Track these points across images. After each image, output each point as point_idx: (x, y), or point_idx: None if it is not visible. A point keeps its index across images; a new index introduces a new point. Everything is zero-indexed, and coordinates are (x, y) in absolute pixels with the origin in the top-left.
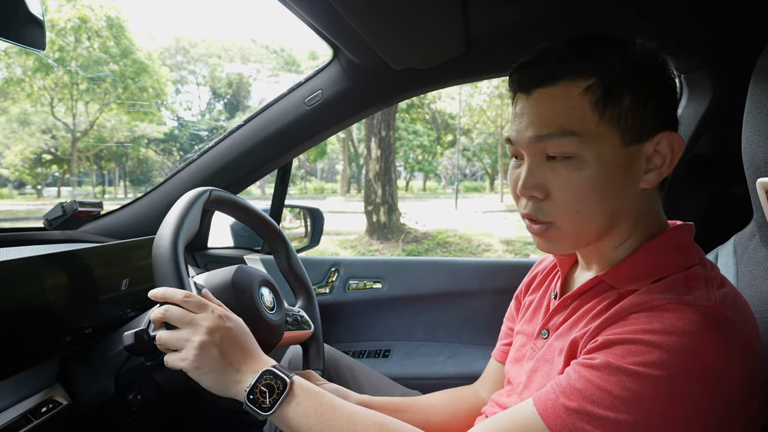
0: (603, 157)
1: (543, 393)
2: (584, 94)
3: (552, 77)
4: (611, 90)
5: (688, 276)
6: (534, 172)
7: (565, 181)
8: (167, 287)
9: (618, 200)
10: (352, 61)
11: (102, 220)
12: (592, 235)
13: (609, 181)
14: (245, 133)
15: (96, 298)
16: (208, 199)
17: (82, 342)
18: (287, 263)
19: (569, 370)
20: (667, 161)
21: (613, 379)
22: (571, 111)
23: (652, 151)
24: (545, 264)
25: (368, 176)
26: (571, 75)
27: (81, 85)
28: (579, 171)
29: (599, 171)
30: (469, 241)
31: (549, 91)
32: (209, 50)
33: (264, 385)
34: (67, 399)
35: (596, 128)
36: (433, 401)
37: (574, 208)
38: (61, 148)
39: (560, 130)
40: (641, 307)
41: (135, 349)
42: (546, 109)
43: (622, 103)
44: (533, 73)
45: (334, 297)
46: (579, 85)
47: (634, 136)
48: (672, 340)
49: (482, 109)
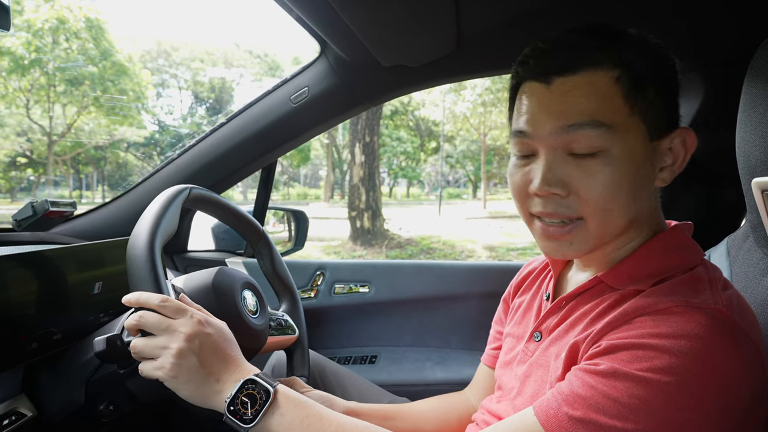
0: (631, 151)
1: (544, 401)
2: (616, 83)
3: (575, 65)
4: (639, 82)
5: (693, 277)
6: (555, 167)
7: (594, 177)
8: (142, 291)
9: (642, 197)
10: (340, 58)
11: (75, 221)
12: (614, 234)
13: (637, 178)
14: (228, 131)
15: (66, 301)
16: (188, 198)
17: (50, 349)
18: (271, 266)
19: (571, 377)
20: (680, 158)
21: (620, 386)
22: (603, 101)
23: (667, 147)
24: (535, 265)
25: (352, 182)
26: (596, 64)
27: (58, 87)
28: (608, 166)
29: (628, 166)
30: (453, 247)
31: (573, 80)
32: (192, 54)
33: (246, 395)
34: (33, 410)
35: (627, 120)
36: (422, 408)
37: (605, 205)
38: (37, 152)
39: (591, 120)
40: (646, 310)
41: (107, 355)
42: (573, 99)
43: (648, 96)
44: (554, 59)
45: (320, 301)
46: (607, 75)
47: (657, 131)
48: (681, 344)
49: (466, 117)
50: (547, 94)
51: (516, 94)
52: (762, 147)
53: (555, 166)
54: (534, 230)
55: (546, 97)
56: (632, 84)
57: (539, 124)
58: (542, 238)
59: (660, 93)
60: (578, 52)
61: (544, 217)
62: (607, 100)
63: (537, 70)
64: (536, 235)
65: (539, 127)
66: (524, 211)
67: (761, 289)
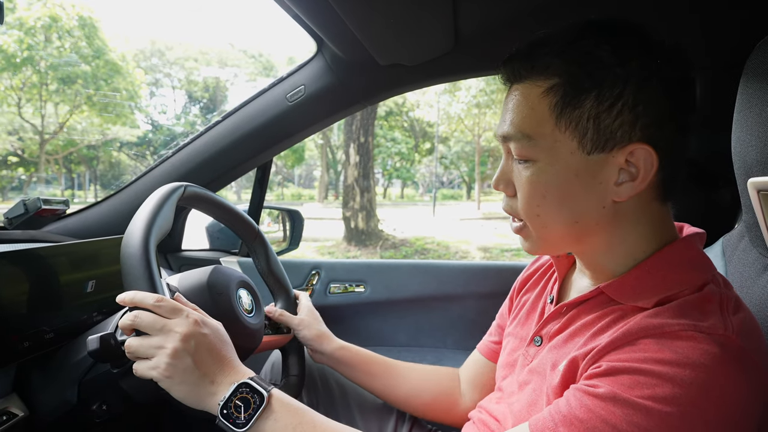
0: (557, 163)
1: (540, 419)
2: (544, 95)
3: (521, 74)
4: (573, 92)
5: (703, 298)
6: (504, 168)
7: (524, 183)
8: (137, 291)
9: (580, 210)
10: (336, 56)
11: (68, 219)
12: (560, 241)
13: (565, 189)
14: (224, 129)
15: (58, 300)
16: (183, 195)
17: (42, 348)
18: (266, 264)
19: (569, 396)
20: (640, 175)
21: (619, 413)
22: (531, 112)
23: (623, 162)
24: (542, 262)
25: (347, 182)
26: (538, 73)
27: (51, 86)
28: (536, 174)
29: (553, 177)
30: (447, 248)
31: (517, 89)
32: (186, 53)
33: (239, 399)
34: (24, 410)
35: (551, 133)
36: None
37: (532, 210)
38: (29, 150)
39: (518, 132)
40: (651, 332)
41: (100, 354)
42: (511, 108)
43: (582, 106)
44: (509, 66)
45: (315, 301)
46: (540, 85)
47: (595, 144)
48: (684, 374)
49: (460, 118)
50: (505, 101)
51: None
52: (758, 147)
53: (506, 167)
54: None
55: (505, 103)
56: (564, 95)
57: (497, 129)
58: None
59: (602, 104)
60: (528, 60)
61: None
62: (533, 111)
63: (502, 75)
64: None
65: (497, 132)
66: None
67: (757, 288)
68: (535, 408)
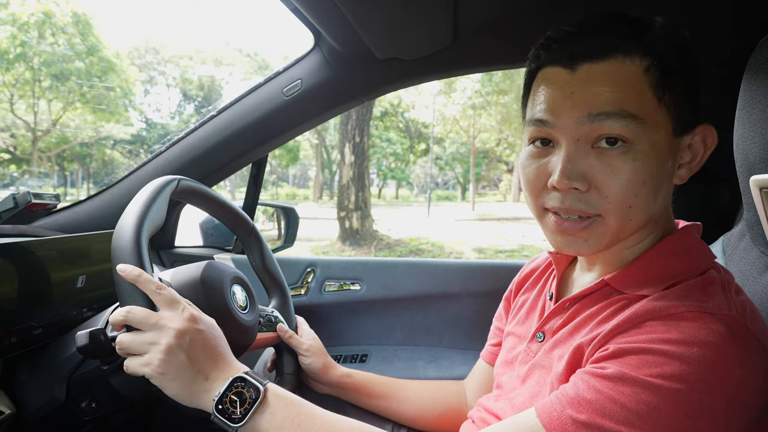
0: (656, 146)
1: (547, 403)
2: (645, 73)
3: (604, 51)
4: (667, 74)
5: (705, 281)
6: (576, 160)
7: (618, 172)
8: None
9: (663, 195)
10: (334, 49)
11: (58, 214)
12: (631, 232)
13: (660, 174)
14: (219, 123)
15: (47, 295)
16: (176, 189)
17: (30, 344)
18: (261, 261)
19: (576, 380)
20: (699, 156)
21: (628, 391)
22: (632, 91)
23: (687, 144)
24: (538, 262)
25: (342, 182)
26: (625, 52)
27: (44, 82)
28: (632, 161)
29: (652, 162)
30: (442, 249)
31: (600, 67)
32: (180, 51)
33: (234, 394)
34: (11, 407)
35: (654, 113)
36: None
37: (626, 202)
38: (21, 147)
39: (619, 110)
40: (657, 314)
41: (89, 350)
42: (599, 87)
43: (675, 89)
44: (581, 44)
45: (310, 298)
46: (636, 64)
47: (682, 126)
48: (692, 352)
49: (455, 119)
50: (570, 81)
51: (533, 80)
52: (760, 144)
53: (576, 158)
54: (545, 224)
55: (569, 84)
56: (661, 76)
57: (561, 112)
58: (555, 233)
59: (686, 87)
60: (607, 39)
61: (561, 213)
62: (634, 90)
63: (562, 54)
64: (548, 230)
65: (561, 116)
66: (537, 206)
67: (759, 287)
68: (539, 398)
